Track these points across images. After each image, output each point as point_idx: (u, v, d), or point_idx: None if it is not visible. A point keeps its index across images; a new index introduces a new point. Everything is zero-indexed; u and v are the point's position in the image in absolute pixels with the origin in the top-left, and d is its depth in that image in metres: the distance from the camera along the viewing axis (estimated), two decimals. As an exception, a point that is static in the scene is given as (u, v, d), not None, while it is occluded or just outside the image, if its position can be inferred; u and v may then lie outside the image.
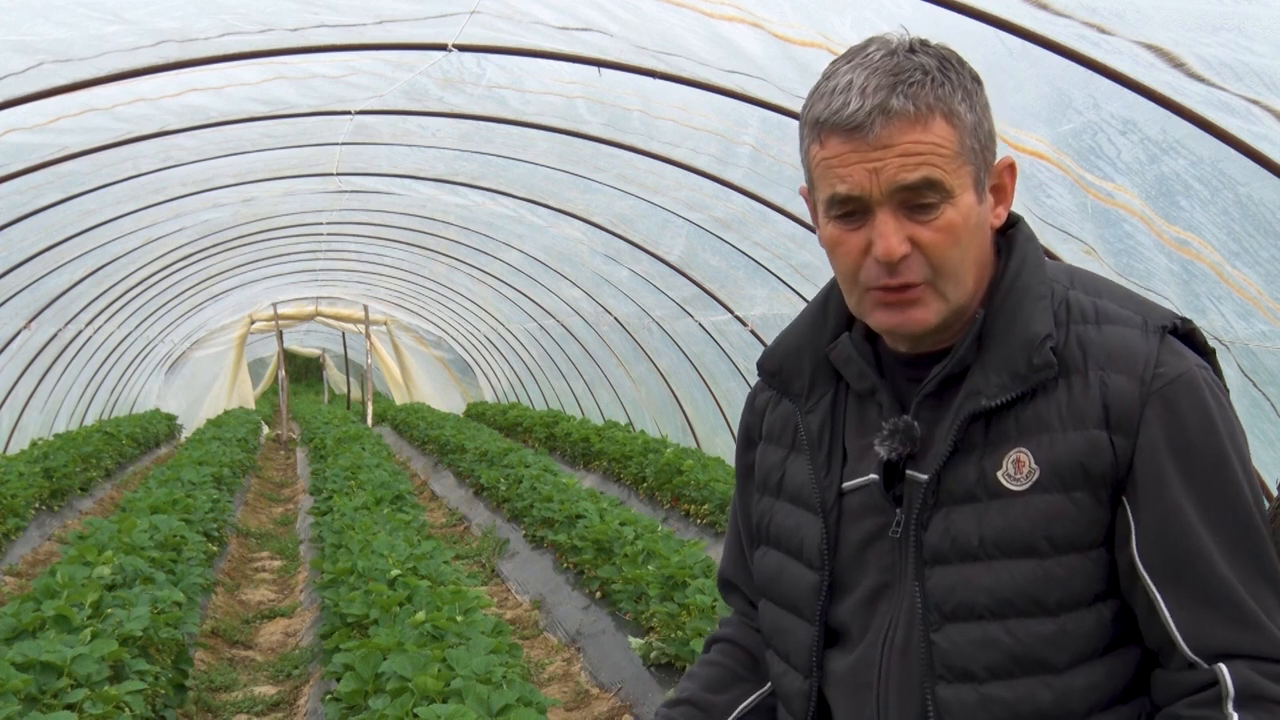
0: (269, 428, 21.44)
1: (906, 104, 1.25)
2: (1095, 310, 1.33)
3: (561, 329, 14.74)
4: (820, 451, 1.45)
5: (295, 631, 6.89)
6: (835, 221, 1.33)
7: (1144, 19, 3.37)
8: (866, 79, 1.27)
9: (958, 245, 1.30)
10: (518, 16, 5.07)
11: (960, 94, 1.28)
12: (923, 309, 1.32)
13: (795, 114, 5.47)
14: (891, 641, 1.36)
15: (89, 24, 4.75)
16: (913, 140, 1.25)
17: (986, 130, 1.31)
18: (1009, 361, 1.31)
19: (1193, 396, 1.27)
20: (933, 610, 1.33)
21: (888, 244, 1.28)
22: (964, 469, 1.33)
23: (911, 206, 1.28)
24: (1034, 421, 1.30)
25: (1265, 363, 4.56)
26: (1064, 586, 1.28)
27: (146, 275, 13.12)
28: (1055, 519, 1.28)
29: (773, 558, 1.51)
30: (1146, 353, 1.28)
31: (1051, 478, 1.28)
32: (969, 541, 1.31)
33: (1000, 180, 1.36)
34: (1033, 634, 1.28)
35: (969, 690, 1.31)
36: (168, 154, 7.76)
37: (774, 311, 8.79)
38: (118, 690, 4.03)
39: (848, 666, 1.41)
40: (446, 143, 8.27)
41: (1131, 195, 4.34)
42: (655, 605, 5.51)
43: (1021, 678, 1.29)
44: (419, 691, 3.80)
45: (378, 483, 9.62)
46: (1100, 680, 1.30)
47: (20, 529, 8.80)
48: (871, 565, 1.39)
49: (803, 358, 1.48)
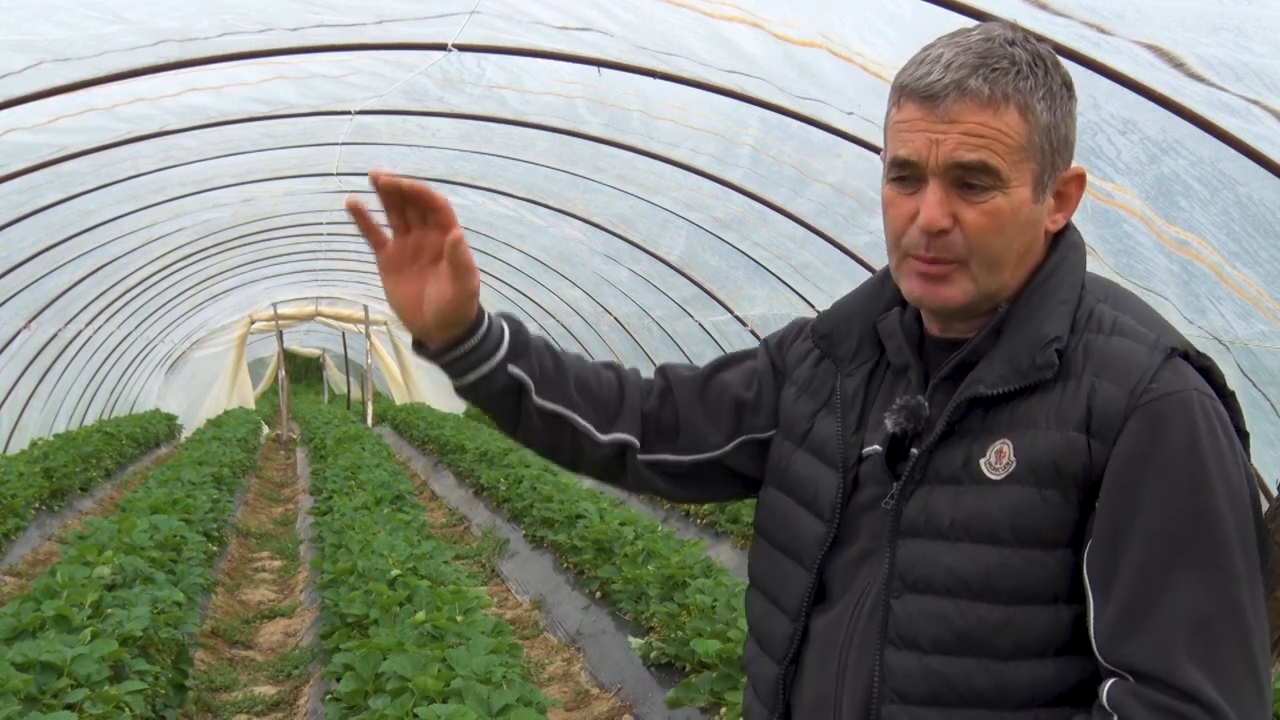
0: (269, 428, 21.43)
1: (983, 86, 1.28)
2: (1113, 323, 1.34)
3: (561, 329, 14.74)
4: (852, 413, 1.48)
5: (295, 631, 6.89)
6: (892, 184, 1.36)
7: (1144, 19, 3.37)
8: (955, 55, 1.30)
9: (1001, 234, 1.32)
10: (518, 16, 5.07)
11: (1042, 92, 1.30)
12: (950, 287, 1.34)
13: (795, 114, 5.50)
14: (862, 605, 1.40)
15: (89, 24, 4.75)
16: (980, 122, 1.28)
17: (1062, 135, 1.33)
18: (1015, 357, 1.33)
19: (1181, 415, 1.26)
20: (896, 579, 1.37)
21: (930, 214, 1.31)
22: (953, 452, 1.36)
23: (963, 185, 1.30)
24: (1025, 417, 1.33)
25: (1265, 363, 4.56)
26: (1019, 577, 1.30)
27: (146, 275, 13.11)
28: (1023, 511, 1.30)
29: (782, 502, 1.54)
30: (1145, 367, 1.29)
31: (1026, 471, 1.30)
32: (941, 520, 1.34)
33: (1066, 188, 1.37)
34: (980, 618, 1.31)
35: (913, 659, 1.34)
36: (168, 154, 7.76)
37: (774, 311, 8.79)
38: (118, 690, 4.03)
39: (824, 624, 1.45)
40: (446, 143, 8.26)
41: (1131, 195, 4.34)
42: (655, 605, 5.51)
43: (963, 656, 1.32)
44: (419, 691, 3.80)
45: (378, 483, 9.62)
46: (1048, 677, 1.30)
47: (20, 529, 8.80)
48: (863, 531, 1.43)
49: (853, 325, 1.52)
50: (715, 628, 4.84)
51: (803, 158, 6.27)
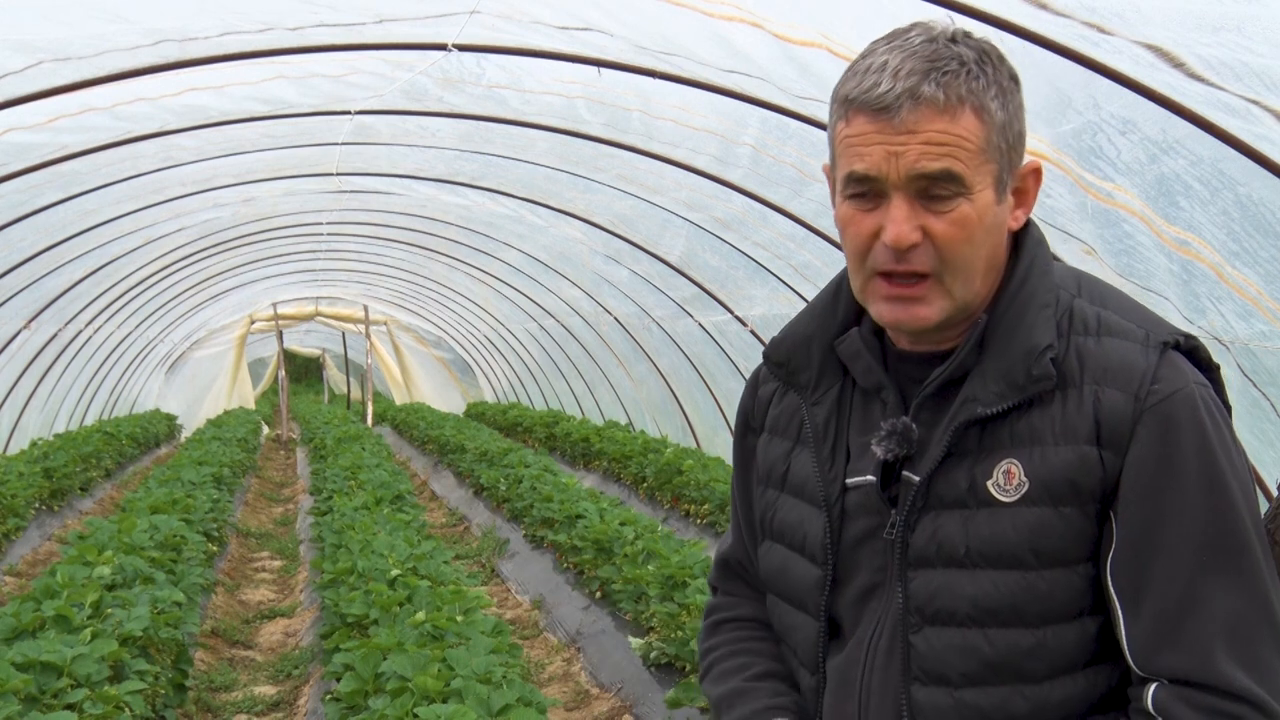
0: (269, 428, 21.44)
1: (937, 92, 1.23)
2: (1098, 321, 1.31)
3: (561, 329, 14.74)
4: (825, 445, 1.43)
5: (295, 631, 6.89)
6: (850, 201, 1.30)
7: (1144, 19, 3.37)
8: (902, 62, 1.25)
9: (970, 241, 1.27)
10: (518, 16, 5.07)
11: (994, 90, 1.26)
12: (926, 306, 1.30)
13: (795, 114, 5.50)
14: (877, 641, 1.36)
15: (88, 23, 4.75)
16: (939, 130, 1.23)
17: (1016, 131, 1.29)
18: (1008, 371, 1.29)
19: (1188, 415, 1.24)
20: (913, 613, 1.32)
21: (898, 230, 1.26)
22: (955, 475, 1.31)
23: (927, 196, 1.26)
24: (1027, 433, 1.29)
25: (1265, 363, 4.55)
26: (1047, 600, 1.27)
27: (146, 275, 13.11)
28: (1042, 533, 1.27)
29: (777, 553, 1.49)
30: (1144, 369, 1.26)
31: (1041, 491, 1.27)
32: (955, 548, 1.30)
33: (1024, 184, 1.34)
34: (1012, 644, 1.28)
35: (944, 694, 1.30)
36: (168, 154, 7.76)
37: (774, 311, 8.79)
38: (118, 690, 4.03)
39: (837, 664, 1.41)
40: (446, 143, 8.26)
41: (1131, 195, 4.34)
42: (655, 605, 5.51)
43: (997, 686, 1.29)
44: (419, 691, 3.80)
45: (378, 483, 9.62)
46: (1078, 693, 1.29)
47: (20, 529, 8.80)
48: (864, 564, 1.39)
49: (811, 349, 1.45)
50: (715, 628, 4.83)
51: (803, 158, 6.27)
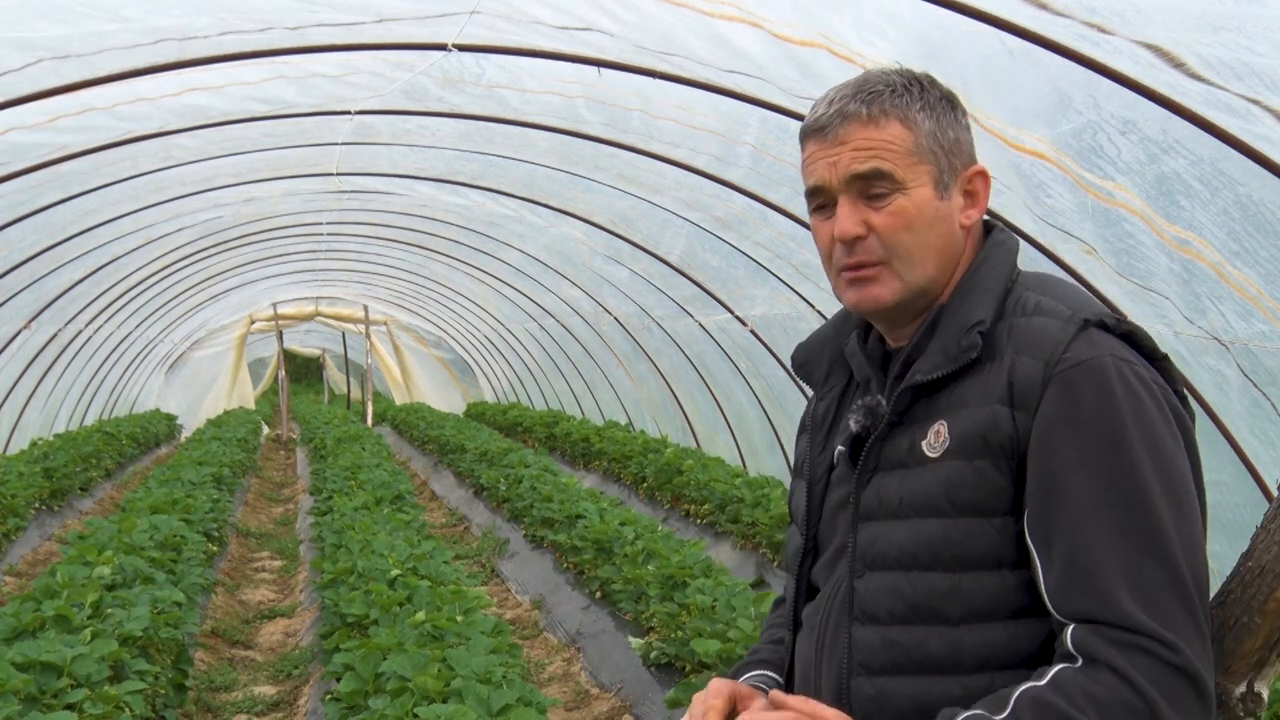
0: (269, 428, 21.44)
1: (861, 108, 1.46)
2: (1035, 306, 1.46)
3: (561, 329, 14.74)
4: (821, 431, 1.64)
5: (295, 631, 6.89)
6: (814, 214, 1.53)
7: (1144, 19, 3.37)
8: (837, 93, 1.49)
9: (909, 230, 1.46)
10: (517, 16, 5.07)
11: (919, 104, 1.47)
12: (879, 286, 1.49)
13: (795, 114, 5.50)
14: (837, 589, 1.52)
15: (88, 22, 4.75)
16: (865, 137, 1.46)
17: (952, 138, 1.49)
18: (945, 345, 1.46)
19: (1095, 379, 1.35)
20: (858, 560, 1.49)
21: (843, 225, 1.47)
22: (900, 440, 1.49)
23: (868, 195, 1.46)
24: (958, 399, 1.45)
25: (1265, 363, 4.55)
26: (961, 545, 1.40)
27: (146, 275, 13.11)
28: (958, 483, 1.41)
29: (790, 531, 1.69)
30: (1059, 340, 1.39)
31: (959, 446, 1.42)
32: (891, 501, 1.47)
33: (971, 185, 1.52)
34: (930, 586, 1.42)
35: (875, 632, 1.45)
36: (168, 154, 7.76)
37: (774, 311, 8.79)
38: (118, 690, 4.03)
39: (808, 613, 1.59)
40: (446, 143, 8.26)
41: (1131, 195, 4.34)
42: (655, 605, 5.51)
43: (917, 625, 1.42)
44: (419, 691, 3.80)
45: (378, 483, 9.62)
46: (997, 641, 1.40)
47: (20, 529, 8.80)
48: (839, 528, 1.55)
49: (824, 351, 1.68)
50: (715, 628, 4.83)
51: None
